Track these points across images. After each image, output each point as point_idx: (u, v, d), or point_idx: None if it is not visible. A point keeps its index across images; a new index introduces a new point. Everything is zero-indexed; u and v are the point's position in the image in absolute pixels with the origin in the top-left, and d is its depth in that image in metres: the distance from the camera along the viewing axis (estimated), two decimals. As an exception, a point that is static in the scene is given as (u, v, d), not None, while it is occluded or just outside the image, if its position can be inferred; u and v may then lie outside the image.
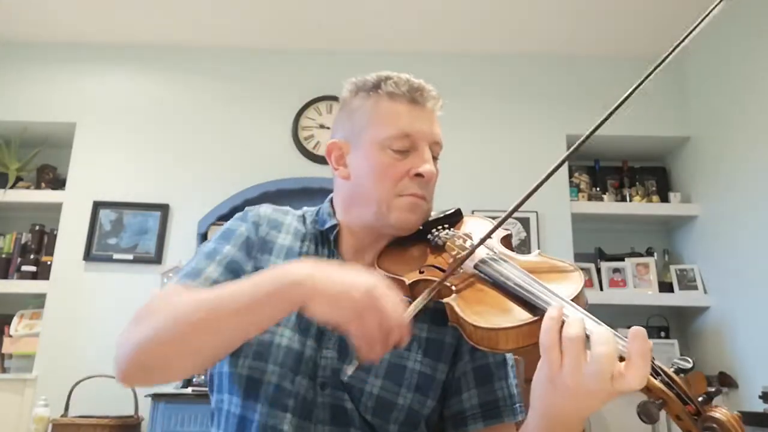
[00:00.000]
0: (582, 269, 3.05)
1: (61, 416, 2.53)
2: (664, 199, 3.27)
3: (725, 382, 2.76)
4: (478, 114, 3.33)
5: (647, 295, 3.06)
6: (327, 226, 0.97)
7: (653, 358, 0.60)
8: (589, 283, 3.10)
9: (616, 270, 3.15)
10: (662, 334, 3.11)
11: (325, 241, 0.98)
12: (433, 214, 0.97)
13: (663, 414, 0.58)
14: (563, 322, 0.63)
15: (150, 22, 3.24)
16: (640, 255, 3.22)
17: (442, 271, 0.84)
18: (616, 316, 3.16)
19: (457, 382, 0.91)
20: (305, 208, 1.05)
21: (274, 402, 0.84)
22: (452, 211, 0.98)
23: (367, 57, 3.39)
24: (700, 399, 0.58)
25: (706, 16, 0.74)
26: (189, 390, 2.56)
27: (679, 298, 3.04)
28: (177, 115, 3.32)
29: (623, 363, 0.58)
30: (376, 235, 0.95)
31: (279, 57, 3.43)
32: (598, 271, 3.16)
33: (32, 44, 3.39)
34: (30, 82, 3.34)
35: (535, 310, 0.69)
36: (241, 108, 3.33)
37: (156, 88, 3.38)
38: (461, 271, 0.81)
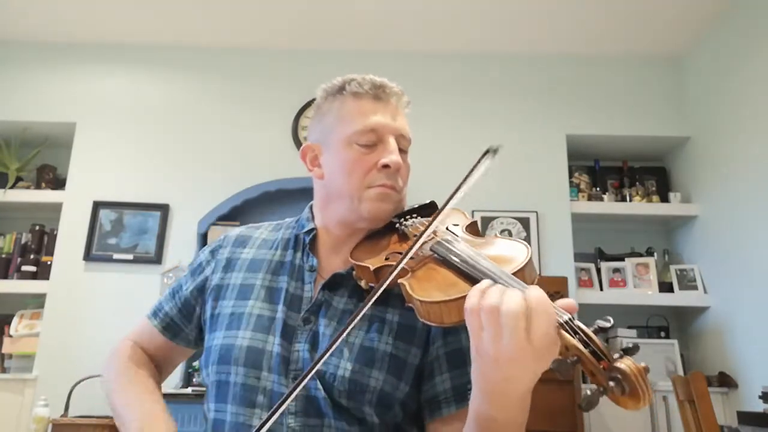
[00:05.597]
0: (582, 269, 3.08)
1: (61, 416, 2.53)
2: (664, 199, 3.27)
3: (725, 382, 2.76)
4: (479, 113, 3.33)
5: (647, 295, 3.06)
6: (305, 229, 1.03)
7: (573, 318, 0.63)
8: (589, 283, 3.10)
9: (616, 270, 3.15)
10: (662, 334, 3.11)
11: (300, 244, 1.03)
12: (408, 207, 1.02)
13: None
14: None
15: (150, 22, 3.24)
16: (640, 255, 3.22)
17: None
18: (616, 316, 3.13)
19: (430, 366, 0.93)
20: (287, 219, 1.12)
21: (243, 400, 0.89)
22: (426, 203, 1.02)
23: (367, 57, 3.40)
24: (616, 355, 0.59)
25: (475, 166, 0.81)
26: (189, 390, 2.56)
27: (679, 298, 3.04)
28: (177, 115, 3.32)
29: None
30: (352, 230, 0.99)
31: (279, 57, 3.43)
32: (598, 271, 3.16)
33: (32, 44, 3.40)
34: (30, 82, 3.34)
35: (476, 283, 0.71)
36: (241, 108, 3.34)
37: (156, 88, 3.38)
38: (420, 254, 0.85)
